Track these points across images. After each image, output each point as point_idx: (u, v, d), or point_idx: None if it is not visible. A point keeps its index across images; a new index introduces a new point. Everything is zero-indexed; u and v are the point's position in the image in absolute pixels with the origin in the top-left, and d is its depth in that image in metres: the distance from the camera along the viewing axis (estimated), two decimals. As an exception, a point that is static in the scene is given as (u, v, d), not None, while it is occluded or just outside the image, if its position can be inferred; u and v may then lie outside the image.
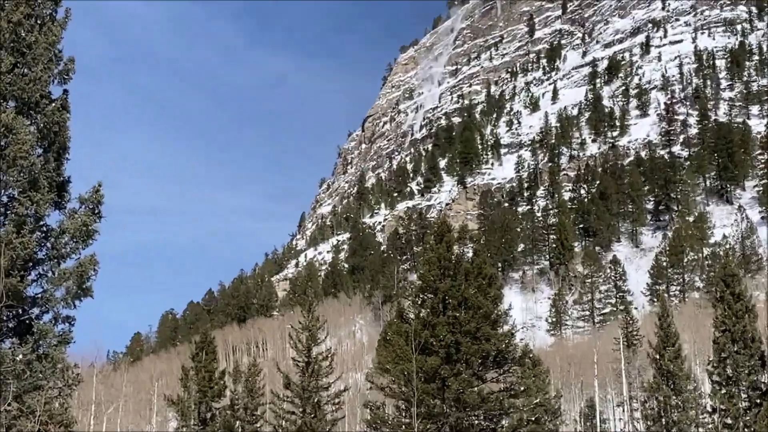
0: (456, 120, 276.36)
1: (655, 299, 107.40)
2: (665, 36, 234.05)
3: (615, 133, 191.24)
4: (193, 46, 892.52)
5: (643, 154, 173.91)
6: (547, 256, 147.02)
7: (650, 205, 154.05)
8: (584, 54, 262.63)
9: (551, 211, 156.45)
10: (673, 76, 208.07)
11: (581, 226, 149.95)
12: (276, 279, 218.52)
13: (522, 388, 34.22)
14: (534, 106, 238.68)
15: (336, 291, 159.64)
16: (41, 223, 17.90)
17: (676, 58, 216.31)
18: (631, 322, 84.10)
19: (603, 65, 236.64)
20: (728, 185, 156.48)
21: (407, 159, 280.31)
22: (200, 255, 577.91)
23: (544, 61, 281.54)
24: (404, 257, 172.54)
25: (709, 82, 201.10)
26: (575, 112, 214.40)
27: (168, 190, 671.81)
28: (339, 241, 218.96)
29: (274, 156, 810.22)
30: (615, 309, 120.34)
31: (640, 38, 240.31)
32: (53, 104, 18.44)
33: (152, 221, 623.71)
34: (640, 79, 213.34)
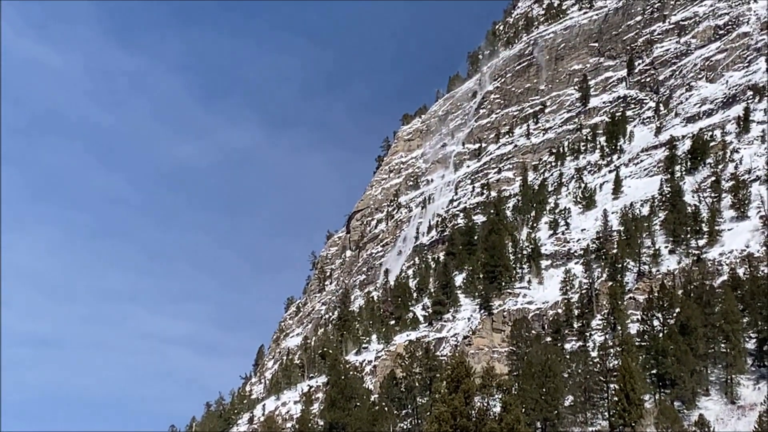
0: (479, 219, 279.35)
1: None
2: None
3: (701, 242, 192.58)
4: (115, 109, 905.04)
5: (740, 272, 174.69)
6: (606, 413, 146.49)
7: (751, 345, 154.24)
8: (658, 131, 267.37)
9: (612, 351, 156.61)
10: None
11: (654, 372, 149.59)
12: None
13: None
14: (588, 201, 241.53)
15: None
16: None
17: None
18: None
19: (684, 147, 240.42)
20: None
21: (410, 273, 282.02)
22: (115, 403, 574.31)
23: (602, 140, 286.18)
24: (403, 412, 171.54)
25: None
26: (645, 211, 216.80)
27: (77, 312, 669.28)
28: (312, 387, 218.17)
29: (224, 266, 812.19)
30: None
31: (737, 110, 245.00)
32: None
33: (51, 356, 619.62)
34: (736, 167, 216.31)
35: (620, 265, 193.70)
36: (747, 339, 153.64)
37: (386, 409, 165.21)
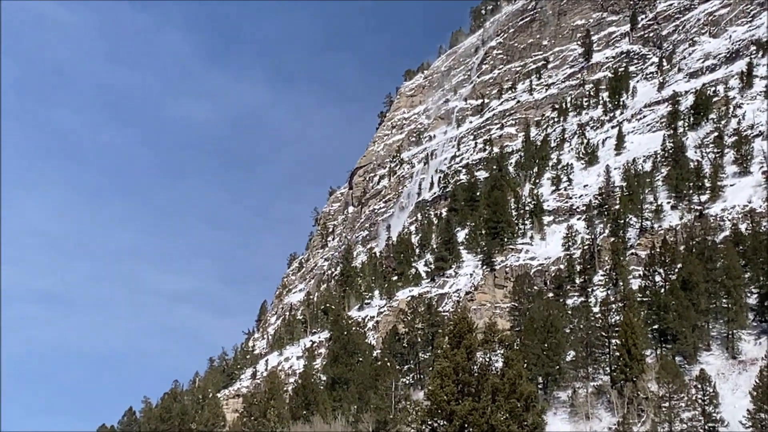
0: (481, 175, 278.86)
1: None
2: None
3: (704, 198, 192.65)
4: (126, 64, 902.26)
5: (743, 227, 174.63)
6: (608, 368, 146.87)
7: (753, 300, 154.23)
8: (661, 86, 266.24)
9: (614, 306, 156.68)
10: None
11: (656, 327, 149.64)
12: (224, 395, 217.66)
13: None
14: (591, 157, 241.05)
15: (309, 414, 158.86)
16: None
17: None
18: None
19: (687, 102, 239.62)
20: None
21: (412, 229, 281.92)
22: (120, 359, 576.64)
23: (604, 96, 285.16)
24: (406, 367, 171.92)
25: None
26: (648, 166, 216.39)
27: (83, 269, 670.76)
28: (314, 342, 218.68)
29: (230, 221, 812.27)
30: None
31: (740, 65, 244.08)
32: None
33: (58, 313, 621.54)
34: (738, 123, 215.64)
35: (622, 221, 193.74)
36: (748, 294, 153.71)
37: (388, 364, 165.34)
